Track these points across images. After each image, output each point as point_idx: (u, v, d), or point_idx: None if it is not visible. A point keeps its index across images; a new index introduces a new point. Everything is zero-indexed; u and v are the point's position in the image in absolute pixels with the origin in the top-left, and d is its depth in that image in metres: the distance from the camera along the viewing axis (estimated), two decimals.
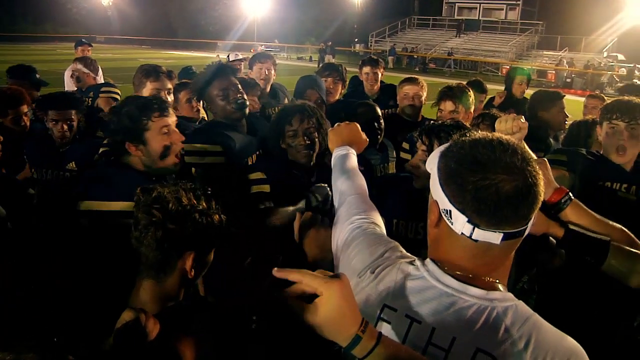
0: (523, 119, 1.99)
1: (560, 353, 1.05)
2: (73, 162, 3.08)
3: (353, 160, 1.82)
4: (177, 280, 1.44)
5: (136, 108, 2.11)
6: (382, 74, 4.86)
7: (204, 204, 1.45)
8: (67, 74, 6.60)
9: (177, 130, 2.21)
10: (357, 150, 1.90)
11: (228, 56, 5.98)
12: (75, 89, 4.95)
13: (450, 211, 1.10)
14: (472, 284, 1.13)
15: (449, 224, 1.12)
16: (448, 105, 3.48)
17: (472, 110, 3.57)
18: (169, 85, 3.33)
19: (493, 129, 2.70)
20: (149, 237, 1.39)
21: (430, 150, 2.17)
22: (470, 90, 3.59)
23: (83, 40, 7.80)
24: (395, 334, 1.15)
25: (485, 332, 1.07)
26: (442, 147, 1.19)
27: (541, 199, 1.09)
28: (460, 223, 1.09)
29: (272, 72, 4.43)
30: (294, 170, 2.48)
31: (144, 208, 1.41)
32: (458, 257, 1.15)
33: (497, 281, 1.16)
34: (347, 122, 1.97)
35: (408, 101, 4.01)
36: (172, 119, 2.20)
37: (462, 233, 1.09)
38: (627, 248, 1.74)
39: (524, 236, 1.12)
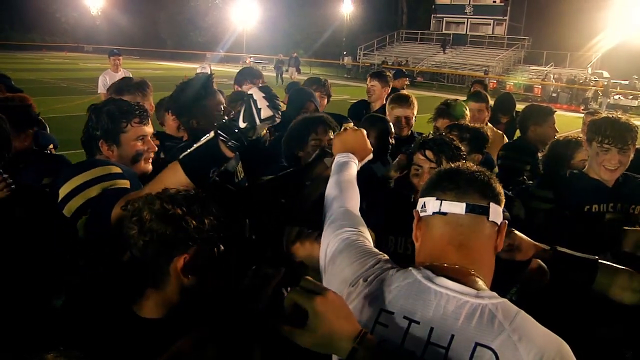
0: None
1: (550, 346, 1.11)
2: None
3: (352, 170, 1.79)
4: (176, 285, 1.46)
5: (118, 109, 2.12)
6: (385, 92, 4.95)
7: (179, 210, 1.44)
8: (101, 80, 7.24)
9: (151, 140, 2.22)
10: (359, 159, 1.87)
11: (201, 67, 5.79)
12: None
13: (424, 203, 1.32)
14: (463, 284, 1.20)
15: (425, 214, 1.31)
16: (446, 123, 3.41)
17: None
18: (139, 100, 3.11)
19: (461, 140, 2.75)
20: (134, 248, 1.43)
21: (439, 164, 2.20)
22: (467, 108, 3.58)
23: (115, 50, 9.16)
24: (394, 336, 1.19)
25: (481, 327, 1.13)
26: None
27: (497, 188, 1.31)
28: (431, 205, 1.30)
29: None
30: None
31: (126, 221, 1.46)
32: (439, 247, 1.28)
33: (483, 282, 1.25)
34: (354, 127, 1.94)
35: (397, 123, 3.86)
36: (150, 129, 2.21)
37: (433, 212, 1.29)
38: (614, 265, 1.79)
39: (492, 221, 1.27)
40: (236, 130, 1.70)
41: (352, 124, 2.27)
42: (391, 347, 1.18)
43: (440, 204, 1.27)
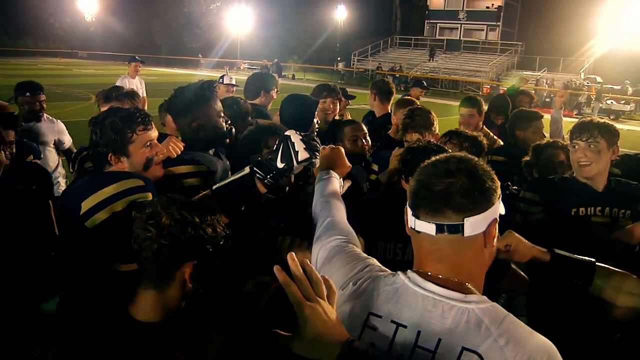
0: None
1: (537, 350, 1.12)
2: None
3: (335, 184, 1.89)
4: (178, 290, 1.49)
5: (120, 120, 2.08)
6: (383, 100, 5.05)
7: (196, 218, 1.49)
8: (120, 84, 7.37)
9: (158, 143, 2.21)
10: (340, 175, 1.97)
11: (222, 77, 5.73)
12: None
13: (407, 210, 1.28)
14: (450, 289, 1.21)
15: (408, 223, 1.28)
16: (414, 137, 3.28)
17: (437, 132, 3.42)
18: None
19: (460, 148, 2.76)
20: (147, 250, 1.45)
21: None
22: (433, 114, 3.46)
23: (137, 57, 9.32)
24: (382, 339, 1.22)
25: (468, 331, 1.14)
26: None
27: (484, 192, 1.19)
28: (410, 218, 1.26)
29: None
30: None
31: (139, 224, 1.47)
32: (421, 257, 1.27)
33: (472, 286, 1.24)
34: (332, 146, 2.04)
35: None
36: (155, 133, 2.20)
37: (410, 227, 1.25)
38: (612, 268, 1.80)
39: (470, 236, 1.18)
40: (273, 169, 1.76)
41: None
42: (379, 350, 1.20)
43: (415, 222, 1.23)
